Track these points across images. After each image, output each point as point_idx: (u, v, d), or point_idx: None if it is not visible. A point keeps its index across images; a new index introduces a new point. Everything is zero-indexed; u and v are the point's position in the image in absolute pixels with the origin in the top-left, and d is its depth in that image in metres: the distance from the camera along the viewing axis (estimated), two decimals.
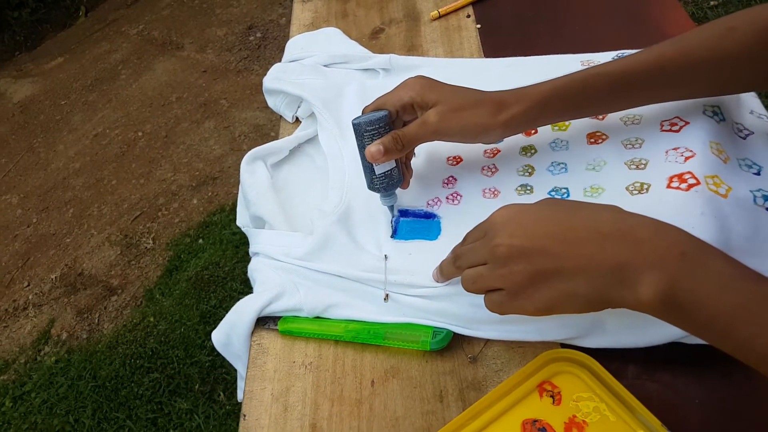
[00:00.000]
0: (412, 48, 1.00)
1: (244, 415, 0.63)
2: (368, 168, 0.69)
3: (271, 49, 3.07)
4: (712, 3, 2.42)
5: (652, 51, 0.62)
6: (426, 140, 0.67)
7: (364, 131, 0.67)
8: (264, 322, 0.70)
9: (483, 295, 0.55)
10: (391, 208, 0.73)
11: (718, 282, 0.44)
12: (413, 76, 0.69)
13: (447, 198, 0.74)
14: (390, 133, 0.66)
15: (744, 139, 0.67)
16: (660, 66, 0.61)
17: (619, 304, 0.48)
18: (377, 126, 0.66)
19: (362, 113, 0.70)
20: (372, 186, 0.71)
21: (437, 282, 0.64)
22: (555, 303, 0.50)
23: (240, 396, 0.68)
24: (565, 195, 0.67)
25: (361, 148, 0.68)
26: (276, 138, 0.90)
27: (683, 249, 0.46)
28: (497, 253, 0.51)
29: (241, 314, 0.70)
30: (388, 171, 0.69)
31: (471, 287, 0.55)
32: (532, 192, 0.70)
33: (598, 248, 0.48)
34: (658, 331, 0.56)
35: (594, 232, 0.49)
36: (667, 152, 0.64)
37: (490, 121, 0.64)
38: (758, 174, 0.62)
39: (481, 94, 0.66)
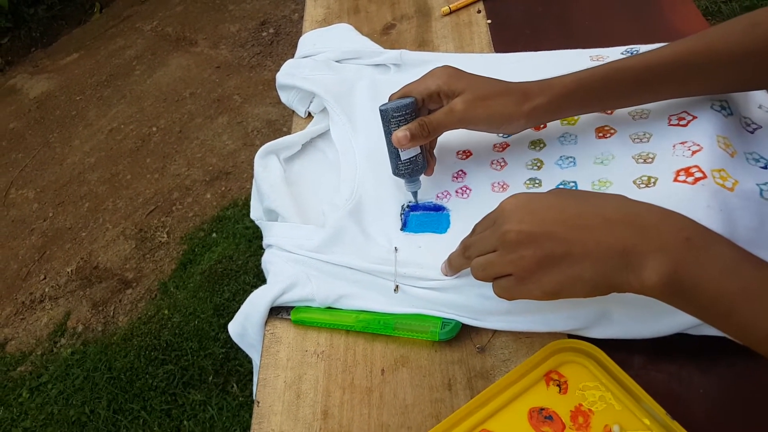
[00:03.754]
0: (423, 43, 1.01)
1: (258, 402, 0.64)
2: (394, 154, 0.71)
3: (284, 44, 3.09)
4: None
5: (676, 46, 0.62)
6: (451, 128, 0.69)
7: (390, 117, 0.69)
8: (277, 312, 0.72)
9: (491, 284, 0.56)
10: (415, 194, 0.74)
11: (721, 266, 0.45)
12: (440, 65, 0.70)
13: (456, 191, 0.75)
14: (416, 120, 0.68)
15: (752, 133, 0.67)
16: (683, 61, 0.62)
17: (625, 288, 0.49)
18: (404, 112, 0.68)
19: (389, 100, 0.72)
20: (397, 171, 0.72)
21: (446, 275, 0.65)
22: (562, 287, 0.51)
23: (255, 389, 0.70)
24: (573, 188, 0.68)
25: (388, 133, 0.70)
26: (288, 133, 0.92)
27: (688, 234, 0.47)
28: (507, 238, 0.53)
29: (255, 304, 0.71)
30: (413, 157, 0.71)
31: (481, 274, 0.56)
32: (540, 185, 0.71)
33: (605, 233, 0.49)
34: (663, 322, 0.57)
35: (601, 218, 0.50)
36: (674, 146, 0.65)
37: (515, 110, 0.65)
38: (765, 167, 0.63)
39: (506, 84, 0.67)
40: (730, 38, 0.60)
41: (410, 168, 0.71)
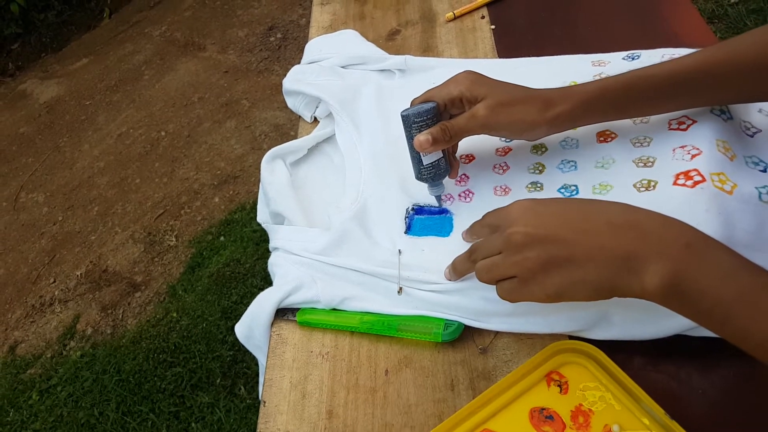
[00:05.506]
0: (427, 49, 1.02)
1: (264, 402, 0.65)
2: (416, 158, 0.71)
3: (291, 49, 3.10)
4: (732, 0, 2.39)
5: (699, 54, 0.62)
6: (473, 133, 0.69)
7: (412, 122, 0.69)
8: (283, 313, 0.73)
9: (495, 287, 0.57)
10: (438, 198, 0.75)
11: (719, 272, 0.46)
12: (462, 71, 0.70)
13: (459, 195, 0.76)
14: (438, 124, 0.68)
15: (751, 137, 0.68)
16: (706, 70, 0.61)
17: (626, 292, 0.50)
18: (425, 117, 0.68)
19: (411, 105, 0.72)
20: (420, 176, 0.73)
21: (449, 280, 0.66)
22: (565, 289, 0.52)
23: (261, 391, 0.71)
24: (575, 192, 0.69)
25: (410, 138, 0.70)
26: (295, 137, 0.93)
27: (688, 240, 0.48)
28: (512, 240, 0.54)
29: (261, 306, 0.72)
30: (435, 161, 0.71)
31: (485, 276, 0.57)
32: (542, 189, 0.72)
33: (607, 238, 0.50)
34: (663, 324, 0.58)
35: (605, 223, 0.51)
36: (674, 150, 0.66)
37: (537, 117, 0.65)
38: (764, 171, 0.63)
39: (528, 91, 0.67)
40: (754, 47, 0.60)
41: (433, 172, 0.71)
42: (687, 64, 0.62)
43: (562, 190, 0.70)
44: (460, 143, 0.76)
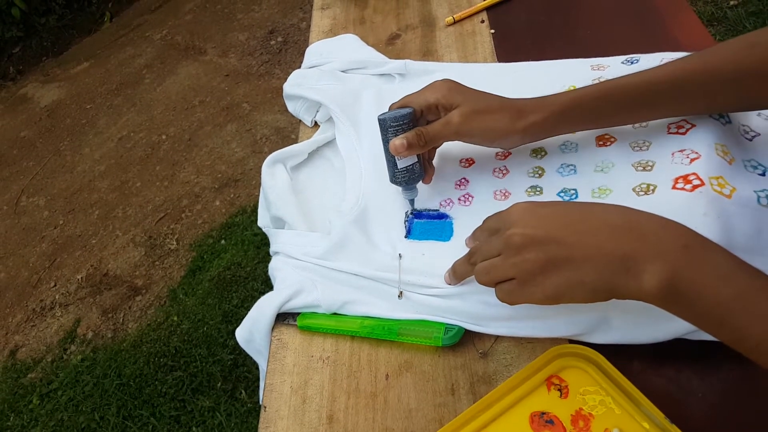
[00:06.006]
0: (427, 53, 1.02)
1: (265, 407, 0.66)
2: (391, 162, 0.72)
3: (292, 53, 3.11)
4: (731, 3, 2.40)
5: (674, 65, 0.63)
6: (447, 139, 0.71)
7: (389, 126, 0.70)
8: (284, 318, 0.73)
9: (494, 290, 0.58)
10: (412, 201, 0.76)
11: (717, 274, 0.47)
12: (439, 79, 0.72)
13: (459, 199, 0.76)
14: (414, 129, 0.70)
15: (750, 140, 0.68)
16: (681, 79, 0.62)
17: (624, 294, 0.50)
18: (401, 122, 0.70)
19: (389, 109, 0.74)
20: (394, 179, 0.74)
21: (449, 284, 0.66)
22: (563, 291, 0.52)
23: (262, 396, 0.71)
24: (574, 196, 0.69)
25: (386, 142, 0.72)
26: (296, 140, 0.93)
27: (686, 242, 0.48)
28: (511, 241, 0.54)
29: (262, 310, 0.73)
30: (410, 165, 0.72)
31: (484, 278, 0.57)
32: (541, 193, 0.72)
33: (606, 239, 0.51)
34: (662, 328, 0.58)
35: (604, 224, 0.52)
36: (673, 154, 0.66)
37: (510, 126, 0.66)
38: (763, 175, 0.63)
39: (503, 101, 0.68)
40: (728, 58, 0.60)
41: (407, 176, 0.73)
42: (661, 75, 0.63)
43: (562, 194, 0.70)
44: (459, 147, 0.76)
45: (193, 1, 3.79)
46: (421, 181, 0.75)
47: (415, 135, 0.69)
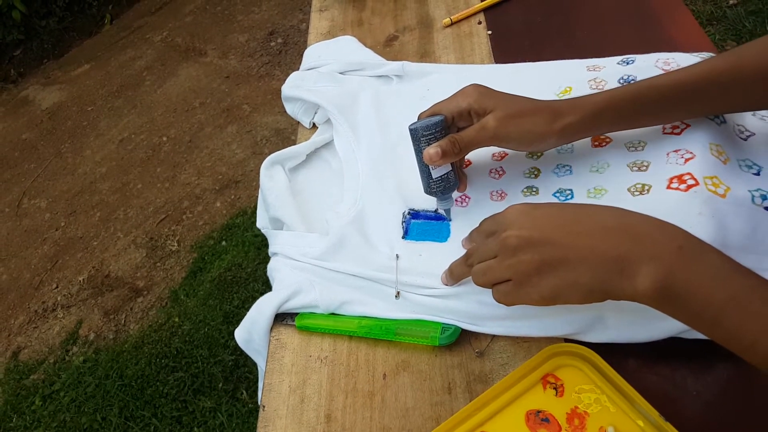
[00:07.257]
0: (425, 54, 1.03)
1: (263, 406, 0.66)
2: (425, 172, 0.71)
3: (292, 54, 3.11)
4: (731, 2, 2.40)
5: (705, 64, 0.62)
6: (483, 145, 0.68)
7: (420, 136, 0.68)
8: (282, 318, 0.73)
9: (491, 291, 0.58)
10: (448, 211, 0.74)
11: (711, 274, 0.47)
12: (470, 84, 0.70)
13: (456, 200, 0.76)
14: (447, 137, 0.68)
15: (745, 140, 0.68)
16: (712, 79, 0.61)
17: (618, 295, 0.50)
18: (433, 131, 0.68)
19: (418, 119, 0.72)
20: (429, 190, 0.72)
21: (446, 285, 0.66)
22: (559, 292, 0.52)
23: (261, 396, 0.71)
24: (570, 196, 0.70)
25: (418, 152, 0.70)
26: (296, 142, 0.94)
27: (680, 243, 0.49)
28: (507, 243, 0.54)
29: (261, 311, 0.73)
30: (444, 174, 0.70)
31: (481, 280, 0.58)
32: (537, 193, 0.72)
33: (601, 240, 0.51)
34: (657, 327, 0.59)
35: (599, 225, 0.52)
36: (668, 154, 0.66)
37: (546, 129, 0.65)
38: (758, 174, 0.64)
39: (537, 103, 0.67)
40: (759, 56, 0.60)
41: (442, 185, 0.71)
42: (693, 74, 0.62)
43: (558, 195, 0.71)
44: None
45: (193, 2, 3.80)
46: (456, 190, 0.73)
47: (449, 142, 0.67)
